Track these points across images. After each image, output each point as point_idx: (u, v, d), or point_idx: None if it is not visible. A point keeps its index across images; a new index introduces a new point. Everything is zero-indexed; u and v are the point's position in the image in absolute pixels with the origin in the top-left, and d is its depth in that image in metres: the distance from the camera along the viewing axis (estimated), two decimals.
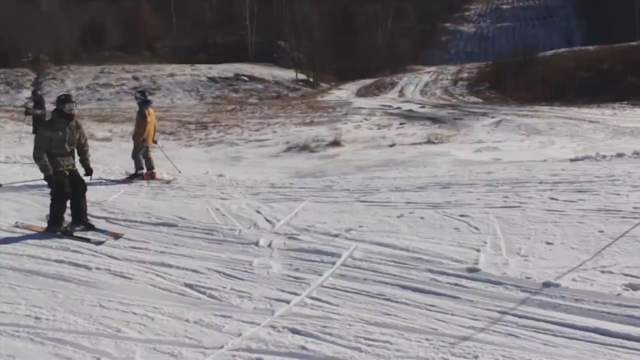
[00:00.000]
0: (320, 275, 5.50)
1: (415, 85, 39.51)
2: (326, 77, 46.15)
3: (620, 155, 11.63)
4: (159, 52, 51.10)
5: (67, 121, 7.15)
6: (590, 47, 40.43)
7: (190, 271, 5.75)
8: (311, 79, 44.33)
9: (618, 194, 7.88)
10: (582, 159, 11.61)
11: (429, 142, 17.88)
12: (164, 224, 7.45)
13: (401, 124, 23.10)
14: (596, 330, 4.25)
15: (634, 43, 36.83)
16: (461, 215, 7.17)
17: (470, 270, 5.41)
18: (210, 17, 54.13)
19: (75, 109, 7.28)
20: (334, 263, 5.79)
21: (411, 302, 4.82)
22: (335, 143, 18.26)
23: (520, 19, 66.62)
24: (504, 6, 70.35)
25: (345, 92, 39.58)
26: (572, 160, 11.68)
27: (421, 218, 7.20)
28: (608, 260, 5.54)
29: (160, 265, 5.94)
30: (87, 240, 6.83)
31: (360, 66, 47.26)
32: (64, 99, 7.19)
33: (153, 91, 37.88)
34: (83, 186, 7.43)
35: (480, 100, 32.47)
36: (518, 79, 34.83)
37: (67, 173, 7.22)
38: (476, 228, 6.67)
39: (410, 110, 27.10)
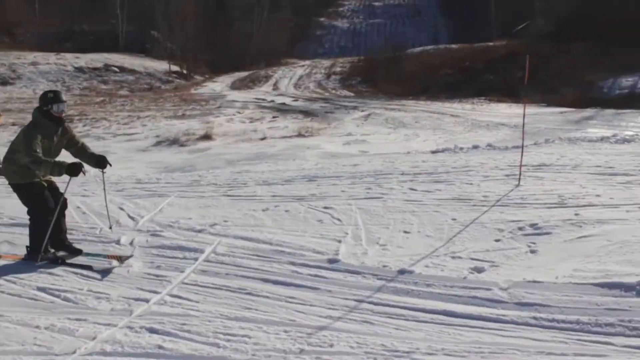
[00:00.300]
0: (182, 272, 5.43)
1: (290, 79, 39.83)
2: (200, 69, 45.32)
3: (475, 147, 12.44)
4: (20, 39, 47.61)
5: (56, 126, 5.72)
6: (454, 46, 42.76)
7: (44, 274, 5.46)
8: (185, 71, 43.35)
9: (471, 184, 8.43)
10: (442, 150, 12.29)
11: (300, 135, 18.13)
12: (17, 225, 6.99)
13: (274, 117, 23.23)
14: (444, 313, 4.52)
15: (491, 43, 39.44)
16: (325, 208, 7.34)
17: (331, 261, 5.55)
18: (78, 3, 51.20)
19: (67, 109, 5.88)
20: (196, 259, 5.74)
21: (271, 295, 4.87)
22: (206, 137, 18.03)
23: (391, 16, 68.94)
24: (376, 3, 72.44)
25: (219, 84, 39.13)
26: (432, 152, 12.33)
27: (286, 211, 7.30)
28: (458, 246, 5.91)
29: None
30: (89, 267, 5.60)
31: (235, 59, 46.89)
32: (53, 98, 5.67)
33: (13, 81, 35.37)
34: (64, 202, 5.99)
35: (352, 94, 33.33)
36: (388, 74, 36.11)
37: (46, 184, 5.84)
38: (339, 219, 6.86)
39: (284, 104, 27.32)
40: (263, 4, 51.95)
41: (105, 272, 5.47)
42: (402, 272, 5.24)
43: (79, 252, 6.01)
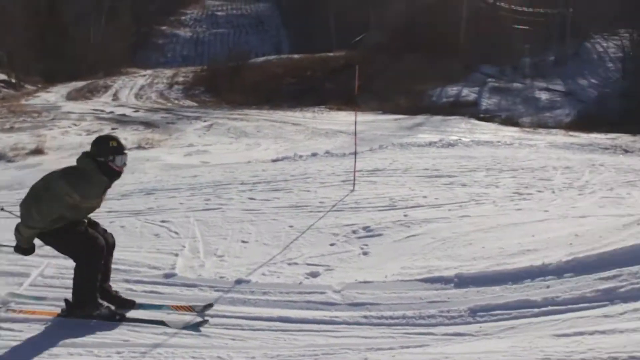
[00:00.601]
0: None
1: (130, 89, 38.35)
2: (32, 79, 42.17)
3: (314, 154, 12.84)
4: None
5: (110, 182, 4.60)
6: (296, 56, 43.66)
7: None
8: (13, 80, 40.19)
9: (308, 191, 8.70)
10: (282, 159, 12.53)
11: (140, 147, 17.55)
12: None
13: (113, 129, 22.28)
14: (279, 319, 4.62)
15: (331, 54, 40.84)
16: (162, 221, 7.21)
17: (167, 275, 5.46)
18: None
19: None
20: (21, 284, 5.35)
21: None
22: (38, 151, 16.84)
23: (234, 26, 68.90)
24: (219, 13, 72.03)
25: (54, 94, 36.69)
26: (273, 160, 12.52)
27: (121, 227, 7.06)
28: (295, 253, 6.08)
29: None
30: (162, 324, 4.54)
31: (71, 67, 44.19)
32: (116, 148, 4.48)
33: None
34: (111, 239, 4.92)
35: (195, 104, 32.84)
36: (232, 83, 36.07)
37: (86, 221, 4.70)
38: (176, 233, 6.77)
39: (124, 115, 26.27)
40: (100, 10, 49.64)
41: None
42: (239, 282, 5.28)
43: (131, 304, 4.85)
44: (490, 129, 21.81)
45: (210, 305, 4.83)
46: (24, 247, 4.61)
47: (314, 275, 5.44)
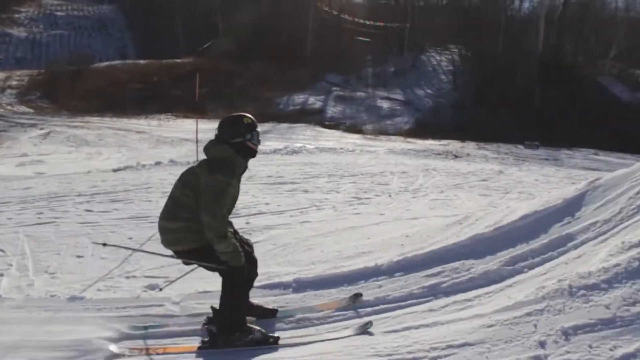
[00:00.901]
0: None
1: None
2: None
3: (158, 163, 12.55)
4: None
5: (246, 163, 4.16)
6: (142, 61, 42.33)
7: None
8: None
9: (150, 201, 8.51)
10: (124, 168, 12.10)
11: None
12: None
13: None
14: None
15: (178, 60, 40.09)
16: None
17: None
18: None
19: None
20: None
21: None
22: None
23: (75, 27, 65.21)
24: (58, 13, 67.80)
25: None
26: (114, 170, 12.05)
27: None
28: (133, 266, 5.91)
29: None
30: (326, 340, 4.16)
31: None
32: (251, 124, 4.12)
33: None
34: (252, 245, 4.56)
35: (30, 110, 30.67)
36: (72, 88, 34.24)
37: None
38: (2, 250, 6.31)
39: None
40: None
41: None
42: (72, 299, 5.04)
43: (273, 312, 4.55)
44: (334, 136, 22.59)
45: (359, 295, 4.72)
46: (241, 265, 4.08)
47: (153, 287, 5.34)
